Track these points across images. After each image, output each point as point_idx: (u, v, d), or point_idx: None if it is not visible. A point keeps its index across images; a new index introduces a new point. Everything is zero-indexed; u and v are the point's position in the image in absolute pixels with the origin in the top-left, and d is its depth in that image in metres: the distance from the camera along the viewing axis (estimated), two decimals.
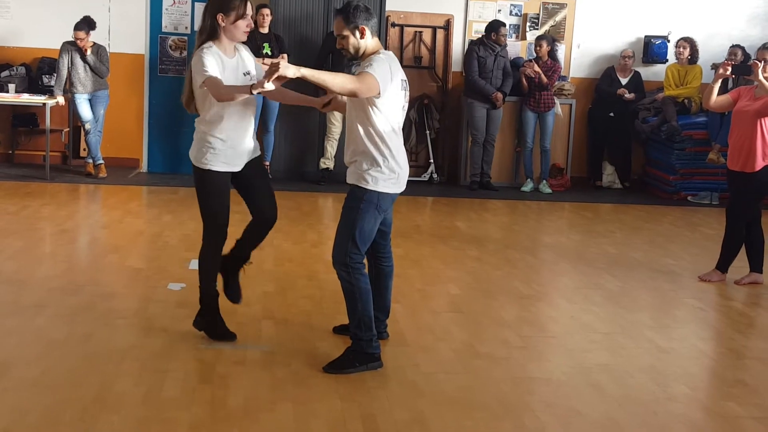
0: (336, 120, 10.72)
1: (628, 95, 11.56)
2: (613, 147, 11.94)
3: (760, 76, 6.58)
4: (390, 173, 4.65)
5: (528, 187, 11.46)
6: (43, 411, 4.01)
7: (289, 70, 4.25)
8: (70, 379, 4.40)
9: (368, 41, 4.67)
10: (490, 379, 4.73)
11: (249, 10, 4.77)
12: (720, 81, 6.88)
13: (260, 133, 10.89)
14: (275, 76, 4.26)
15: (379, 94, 4.51)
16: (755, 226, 7.02)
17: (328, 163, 10.98)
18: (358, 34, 4.64)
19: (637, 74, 11.77)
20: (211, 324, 5.04)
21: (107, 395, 4.21)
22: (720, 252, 7.13)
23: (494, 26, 11.00)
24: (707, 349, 5.54)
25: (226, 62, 4.75)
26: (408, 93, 4.82)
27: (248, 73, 4.87)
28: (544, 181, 11.46)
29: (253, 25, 4.96)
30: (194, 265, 6.69)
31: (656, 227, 9.54)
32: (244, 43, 4.94)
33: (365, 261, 4.80)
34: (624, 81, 11.71)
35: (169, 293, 5.99)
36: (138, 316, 5.50)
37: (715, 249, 7.36)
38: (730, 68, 6.85)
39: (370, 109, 4.57)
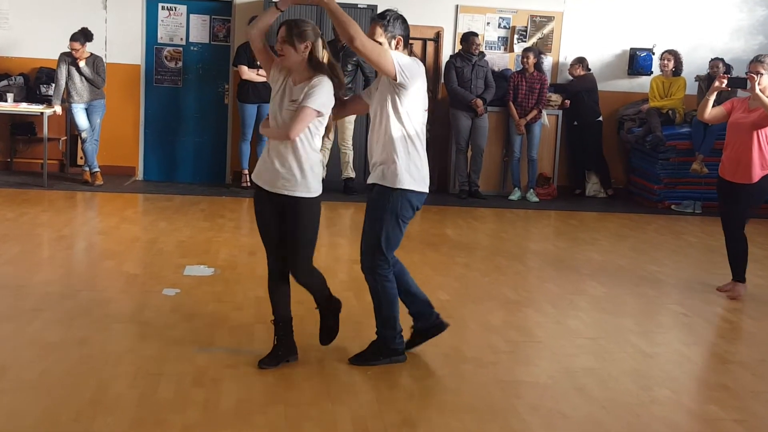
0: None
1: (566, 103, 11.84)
2: (588, 156, 12.00)
3: (757, 89, 6.51)
4: (414, 170, 4.72)
5: (515, 195, 11.50)
6: (40, 413, 4.01)
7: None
8: (66, 382, 4.39)
9: (400, 51, 4.62)
10: (478, 382, 4.74)
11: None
12: (715, 93, 6.76)
13: (254, 143, 10.91)
14: None
15: (395, 78, 4.49)
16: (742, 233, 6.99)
17: None
18: (393, 42, 4.60)
19: (585, 76, 11.78)
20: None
21: (103, 397, 4.21)
22: (730, 264, 6.99)
23: (466, 38, 11.22)
24: (690, 353, 5.56)
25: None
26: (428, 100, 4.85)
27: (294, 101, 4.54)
28: (531, 190, 11.50)
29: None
30: (189, 271, 6.73)
31: (641, 235, 9.57)
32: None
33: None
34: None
35: (164, 298, 5.99)
36: (133, 320, 5.50)
37: (697, 256, 7.40)
38: (726, 81, 6.71)
39: (399, 107, 4.58)
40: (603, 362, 5.20)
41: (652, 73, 12.16)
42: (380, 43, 4.56)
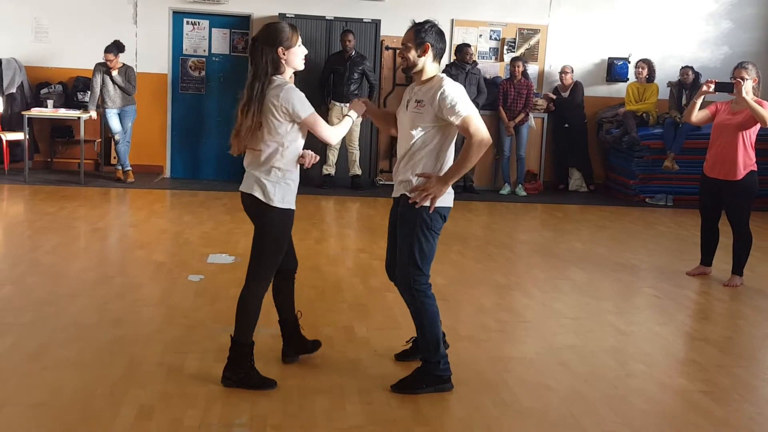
0: None
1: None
2: (573, 154, 11.97)
3: (743, 93, 6.38)
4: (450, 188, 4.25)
5: (506, 190, 11.48)
6: (77, 387, 4.02)
7: (438, 187, 4.16)
8: (101, 359, 4.40)
9: (428, 62, 4.16)
10: (472, 358, 4.74)
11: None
12: (702, 97, 6.61)
13: None
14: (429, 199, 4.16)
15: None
16: (716, 225, 6.93)
17: (329, 169, 11.01)
18: (420, 50, 4.12)
19: (576, 84, 11.78)
20: (247, 375, 4.17)
21: (134, 373, 4.22)
22: (732, 258, 6.82)
23: (460, 48, 11.16)
24: (662, 331, 5.55)
25: None
26: None
27: None
28: (520, 186, 11.48)
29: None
30: (212, 259, 6.73)
31: (618, 226, 9.55)
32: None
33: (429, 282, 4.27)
34: (565, 94, 11.80)
35: (189, 284, 6.00)
36: (162, 303, 5.50)
37: (669, 244, 7.38)
38: (713, 86, 6.51)
39: (442, 128, 4.17)
40: (584, 340, 5.19)
41: (628, 79, 12.13)
42: (407, 47, 4.14)
